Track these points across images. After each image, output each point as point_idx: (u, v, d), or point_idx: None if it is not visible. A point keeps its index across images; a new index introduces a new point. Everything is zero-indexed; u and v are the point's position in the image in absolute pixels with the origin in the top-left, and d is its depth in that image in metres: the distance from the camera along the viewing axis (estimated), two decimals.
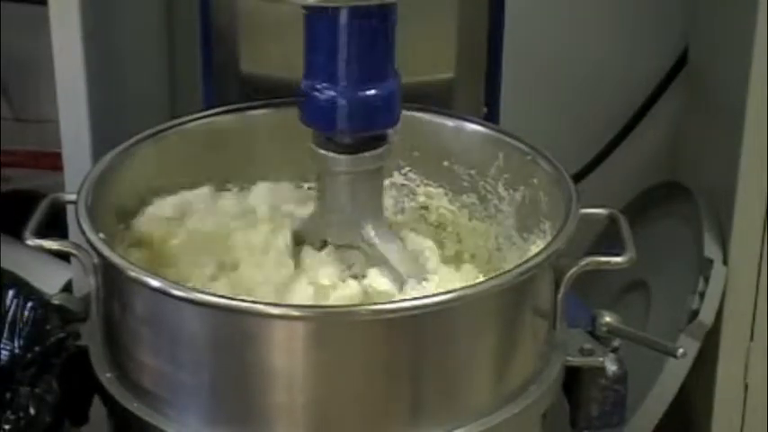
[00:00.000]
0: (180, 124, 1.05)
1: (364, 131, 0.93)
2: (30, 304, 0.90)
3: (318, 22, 0.90)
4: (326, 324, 0.85)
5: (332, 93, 0.91)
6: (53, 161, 1.23)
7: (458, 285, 0.89)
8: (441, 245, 1.07)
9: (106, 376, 0.92)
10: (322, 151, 0.94)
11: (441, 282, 0.95)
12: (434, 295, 0.87)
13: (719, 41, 1.36)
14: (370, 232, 0.97)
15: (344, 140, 0.93)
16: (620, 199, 1.46)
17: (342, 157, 0.94)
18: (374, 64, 0.92)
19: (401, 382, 0.87)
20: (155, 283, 0.86)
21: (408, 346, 0.86)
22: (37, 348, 0.89)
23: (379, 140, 0.94)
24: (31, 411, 0.87)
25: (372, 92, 0.92)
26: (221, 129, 1.06)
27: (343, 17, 0.89)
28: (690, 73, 1.49)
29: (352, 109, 0.91)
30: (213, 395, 0.87)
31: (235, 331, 0.85)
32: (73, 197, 0.95)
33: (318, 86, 0.91)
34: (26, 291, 0.92)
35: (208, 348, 0.87)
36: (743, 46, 1.22)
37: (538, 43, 1.44)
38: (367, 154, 0.94)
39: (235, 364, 0.85)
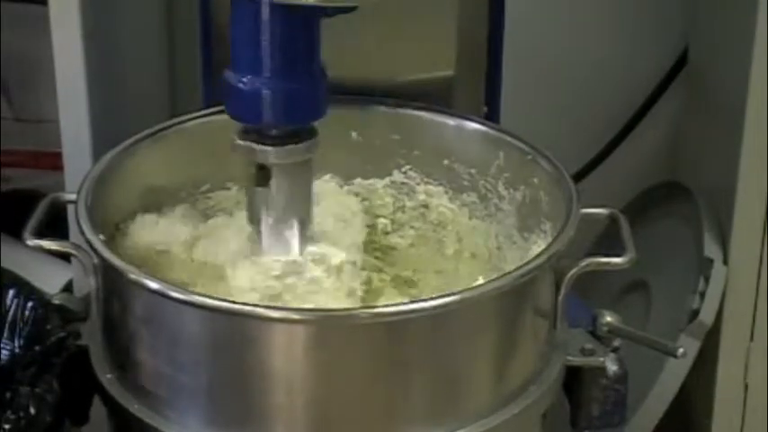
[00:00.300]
0: (180, 124, 1.05)
1: (289, 123, 0.93)
2: (30, 304, 0.90)
3: (244, 13, 0.90)
4: (326, 327, 0.85)
5: (257, 84, 0.91)
6: (53, 161, 1.23)
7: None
8: (441, 244, 1.08)
9: (106, 377, 0.92)
10: (247, 143, 0.93)
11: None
12: (435, 298, 0.87)
13: (719, 41, 1.36)
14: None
15: (271, 132, 0.93)
16: (620, 199, 1.46)
17: (269, 148, 0.93)
18: (299, 57, 0.91)
19: (401, 384, 0.87)
20: (154, 285, 0.86)
21: (408, 348, 0.86)
22: (37, 348, 0.89)
23: (307, 133, 0.94)
24: (32, 411, 0.87)
25: (297, 84, 0.91)
26: (221, 128, 1.04)
27: (266, 9, 0.89)
28: (690, 73, 1.48)
29: (277, 100, 0.91)
30: (213, 397, 0.87)
31: (234, 334, 0.85)
32: (73, 197, 0.95)
33: (244, 78, 0.91)
34: (26, 290, 0.91)
35: (207, 350, 0.87)
36: (743, 46, 1.22)
37: (538, 43, 1.44)
38: (294, 146, 0.93)
39: (234, 366, 0.85)
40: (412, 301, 0.89)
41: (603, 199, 1.00)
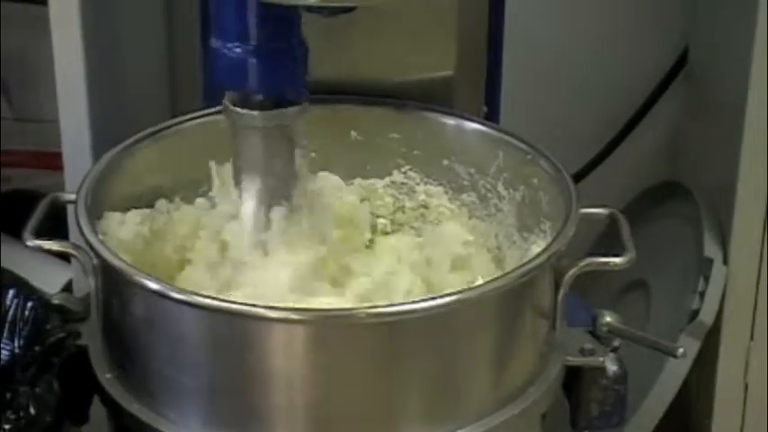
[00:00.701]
0: (180, 124, 1.05)
1: (272, 89, 0.94)
2: (30, 304, 0.90)
3: None
4: (325, 327, 0.85)
5: (241, 51, 0.92)
6: (53, 161, 1.23)
7: None
8: None
9: (106, 377, 0.92)
10: (236, 108, 0.95)
11: None
12: (434, 298, 0.87)
13: (719, 41, 1.35)
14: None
15: (255, 98, 0.94)
16: (620, 199, 1.46)
17: (255, 113, 0.94)
18: (281, 27, 0.93)
19: (400, 384, 0.87)
20: (153, 285, 0.86)
21: (408, 348, 0.86)
22: (37, 348, 0.89)
23: (291, 99, 0.96)
24: (31, 411, 0.87)
25: (279, 52, 0.93)
26: (221, 128, 1.03)
27: None
28: (690, 73, 1.48)
29: (260, 67, 0.93)
30: (213, 397, 0.87)
31: (234, 334, 0.85)
32: (73, 197, 0.95)
33: (229, 45, 0.92)
34: (26, 290, 0.91)
35: (207, 351, 0.87)
36: (743, 46, 1.21)
37: (538, 43, 1.44)
38: (278, 111, 0.95)
39: (234, 366, 0.85)
40: (412, 301, 0.88)
41: (603, 199, 1.00)
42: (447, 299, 0.86)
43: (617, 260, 0.93)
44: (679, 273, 1.33)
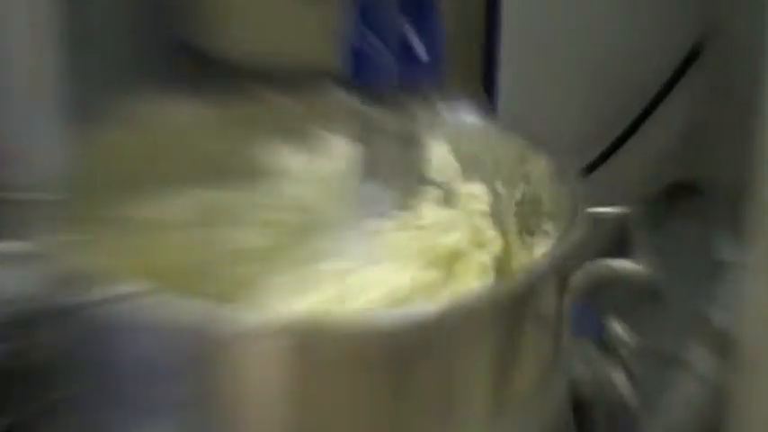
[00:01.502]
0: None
1: (409, 87, 0.97)
2: None
3: None
4: (307, 337, 0.81)
5: (380, 50, 0.95)
6: None
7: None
8: None
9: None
10: (367, 107, 0.97)
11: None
12: (427, 304, 0.86)
13: (736, 29, 1.32)
14: None
15: (392, 96, 0.97)
16: (631, 198, 1.44)
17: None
18: (420, 24, 0.96)
19: (395, 396, 0.84)
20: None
21: (403, 357, 0.82)
22: None
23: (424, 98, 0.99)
24: None
25: (418, 50, 0.96)
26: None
27: None
28: (707, 61, 1.44)
29: (399, 65, 0.96)
30: (184, 415, 0.83)
31: (200, 346, 0.81)
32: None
33: (367, 43, 0.95)
34: None
35: (174, 366, 0.82)
36: (761, 32, 1.16)
37: (541, 31, 1.40)
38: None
39: (205, 382, 0.82)
40: (405, 309, 0.87)
41: (613, 197, 0.99)
42: (444, 305, 0.83)
43: (632, 265, 0.92)
44: (692, 276, 1.30)
